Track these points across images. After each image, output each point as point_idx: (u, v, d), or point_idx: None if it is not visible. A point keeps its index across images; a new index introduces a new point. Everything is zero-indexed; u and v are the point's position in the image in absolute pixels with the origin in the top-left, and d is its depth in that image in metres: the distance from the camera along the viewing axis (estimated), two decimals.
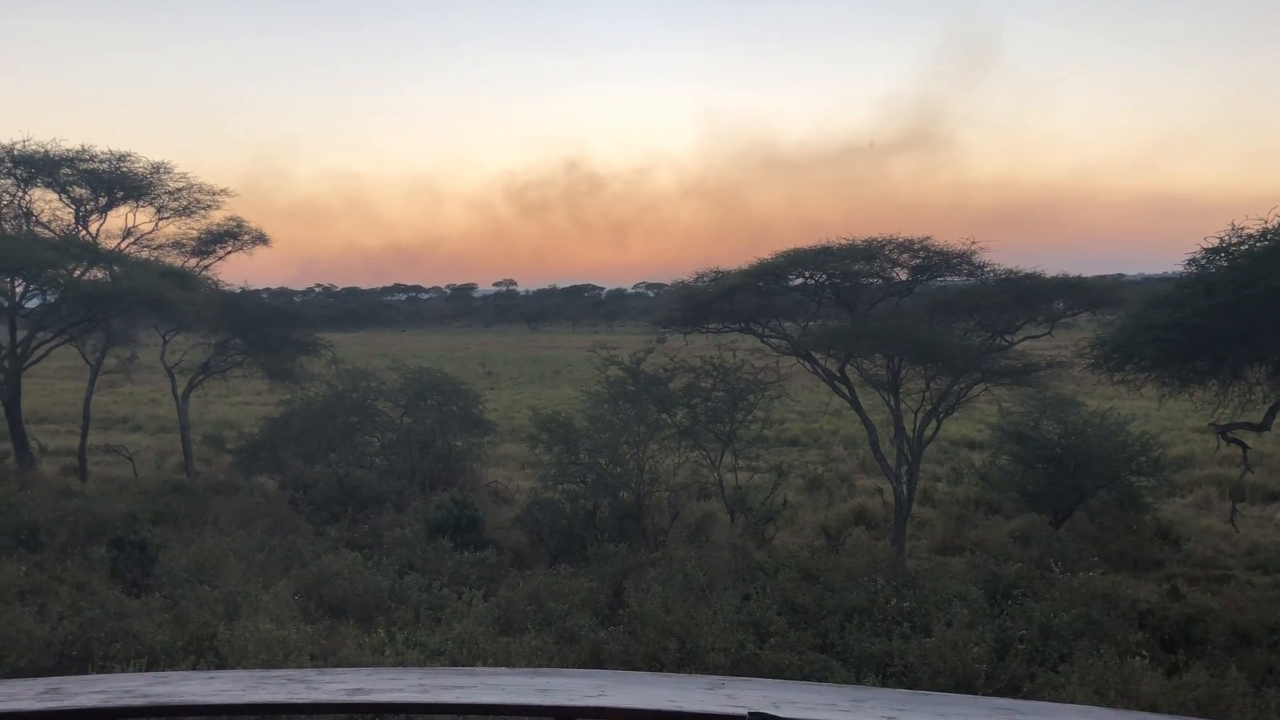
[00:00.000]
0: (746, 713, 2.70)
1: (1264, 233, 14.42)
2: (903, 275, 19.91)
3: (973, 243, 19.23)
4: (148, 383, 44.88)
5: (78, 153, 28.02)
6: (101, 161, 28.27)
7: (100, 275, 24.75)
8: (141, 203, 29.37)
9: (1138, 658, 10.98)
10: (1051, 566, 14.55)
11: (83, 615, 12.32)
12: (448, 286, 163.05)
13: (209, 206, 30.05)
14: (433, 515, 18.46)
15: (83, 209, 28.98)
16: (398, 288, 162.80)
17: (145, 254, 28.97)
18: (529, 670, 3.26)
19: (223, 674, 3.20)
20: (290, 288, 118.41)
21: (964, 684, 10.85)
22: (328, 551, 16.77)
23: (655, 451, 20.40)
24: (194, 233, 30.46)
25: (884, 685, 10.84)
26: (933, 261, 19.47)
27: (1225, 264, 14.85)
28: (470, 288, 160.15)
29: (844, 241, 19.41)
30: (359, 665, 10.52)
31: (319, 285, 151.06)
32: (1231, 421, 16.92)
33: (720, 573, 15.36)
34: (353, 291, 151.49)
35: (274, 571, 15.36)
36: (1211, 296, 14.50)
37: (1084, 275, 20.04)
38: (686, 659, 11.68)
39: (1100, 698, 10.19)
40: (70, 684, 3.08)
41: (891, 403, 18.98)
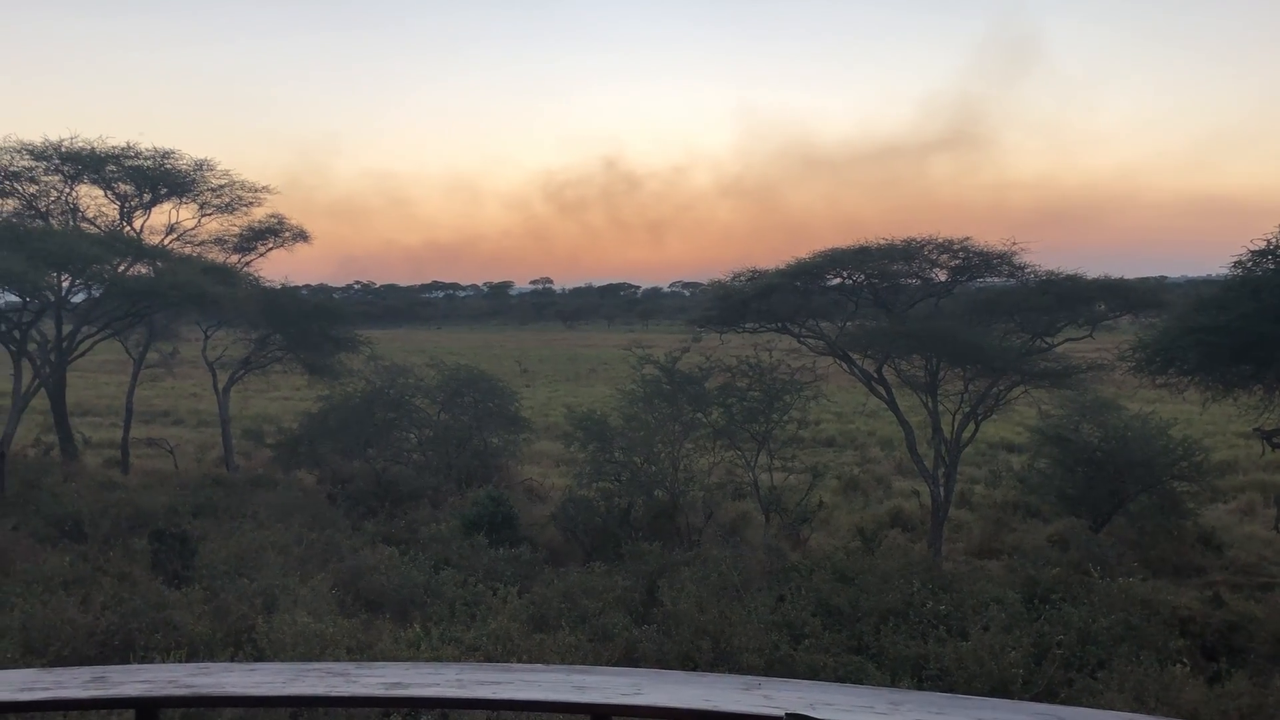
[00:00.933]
0: (783, 714, 2.69)
1: None
2: (942, 276, 19.77)
3: (1013, 243, 19.09)
4: (189, 377, 45.43)
5: (123, 150, 28.43)
6: (146, 158, 28.66)
7: (144, 271, 25.04)
8: (185, 199, 29.76)
9: (1178, 665, 10.82)
10: (1090, 571, 14.38)
11: (124, 605, 12.49)
12: (485, 284, 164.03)
13: (251, 203, 30.39)
14: (468, 511, 18.55)
15: (127, 205, 29.39)
16: (435, 285, 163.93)
17: (188, 250, 29.32)
18: (565, 667, 3.26)
19: (263, 666, 3.23)
20: (330, 284, 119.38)
21: (1000, 688, 10.75)
22: (365, 546, 16.90)
23: (690, 451, 20.39)
24: (236, 229, 30.83)
25: (920, 688, 10.76)
26: (972, 262, 19.31)
27: (1273, 266, 14.62)
28: (507, 285, 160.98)
29: (882, 241, 19.32)
30: (395, 660, 10.59)
31: (358, 282, 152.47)
32: (1277, 427, 16.65)
33: (755, 573, 15.31)
34: (391, 288, 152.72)
35: (312, 565, 15.50)
36: (1258, 299, 14.28)
37: (1126, 277, 19.89)
38: (720, 659, 11.66)
39: (1140, 705, 10.06)
40: (115, 673, 3.13)
41: (929, 404, 18.84)
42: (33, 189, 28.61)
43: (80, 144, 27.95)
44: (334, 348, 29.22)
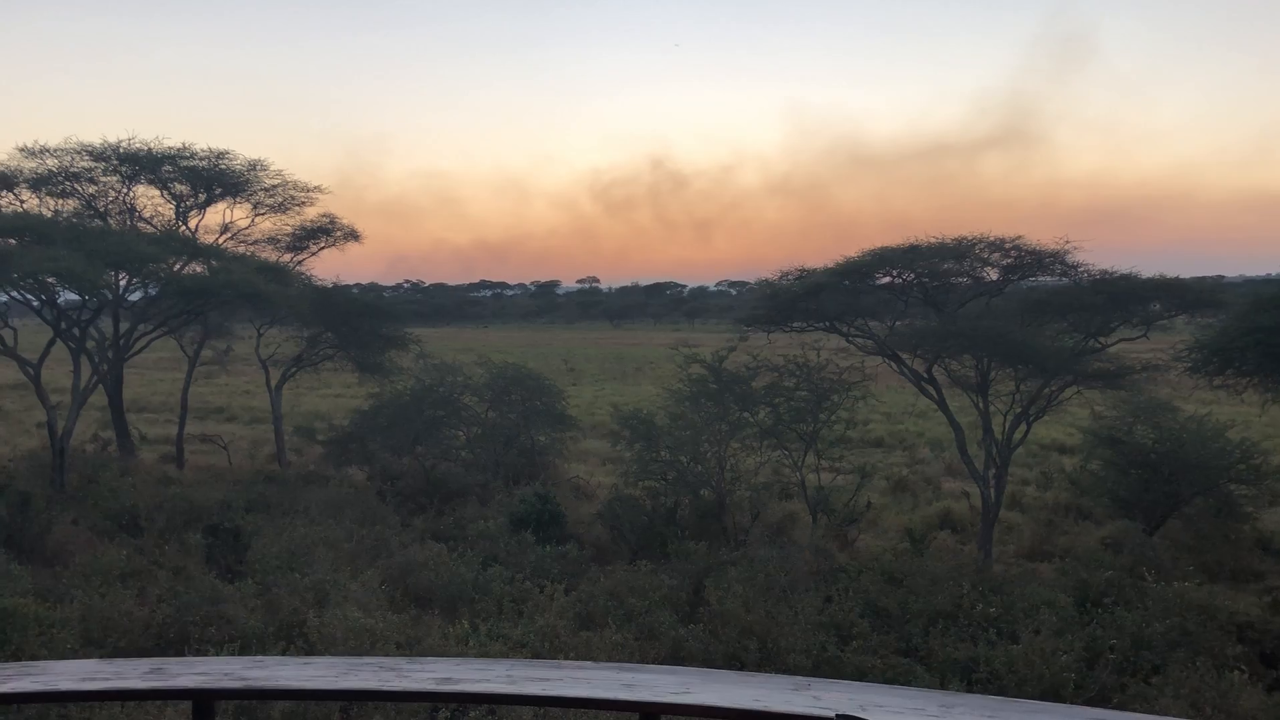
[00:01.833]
0: (834, 715, 2.68)
1: None
2: (993, 275, 19.57)
3: (1066, 242, 18.87)
4: (242, 374, 46.07)
5: (179, 150, 28.95)
6: (201, 159, 29.15)
7: (199, 269, 25.45)
8: (239, 199, 30.24)
9: (1236, 672, 10.62)
10: (1144, 575, 14.15)
11: (179, 599, 12.72)
12: (532, 283, 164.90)
13: (303, 203, 30.82)
14: (516, 509, 18.65)
15: (183, 205, 29.91)
16: (483, 284, 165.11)
17: (242, 249, 29.78)
18: (614, 665, 3.27)
19: (316, 660, 3.28)
20: (380, 283, 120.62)
21: (1052, 693, 10.62)
22: (414, 542, 17.05)
23: (737, 450, 20.34)
24: (288, 229, 31.27)
25: (969, 691, 10.66)
26: (1024, 261, 19.10)
27: None
28: (554, 284, 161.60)
29: (933, 240, 19.17)
30: (445, 655, 10.68)
31: (407, 281, 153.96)
32: None
33: (802, 573, 15.24)
34: (440, 287, 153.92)
35: (362, 561, 15.67)
36: None
37: (1182, 276, 19.52)
38: (767, 659, 11.63)
39: (1196, 712, 9.90)
40: (173, 665, 3.18)
41: (980, 405, 18.64)
42: (92, 189, 29.23)
43: (138, 145, 28.50)
44: (384, 346, 29.51)
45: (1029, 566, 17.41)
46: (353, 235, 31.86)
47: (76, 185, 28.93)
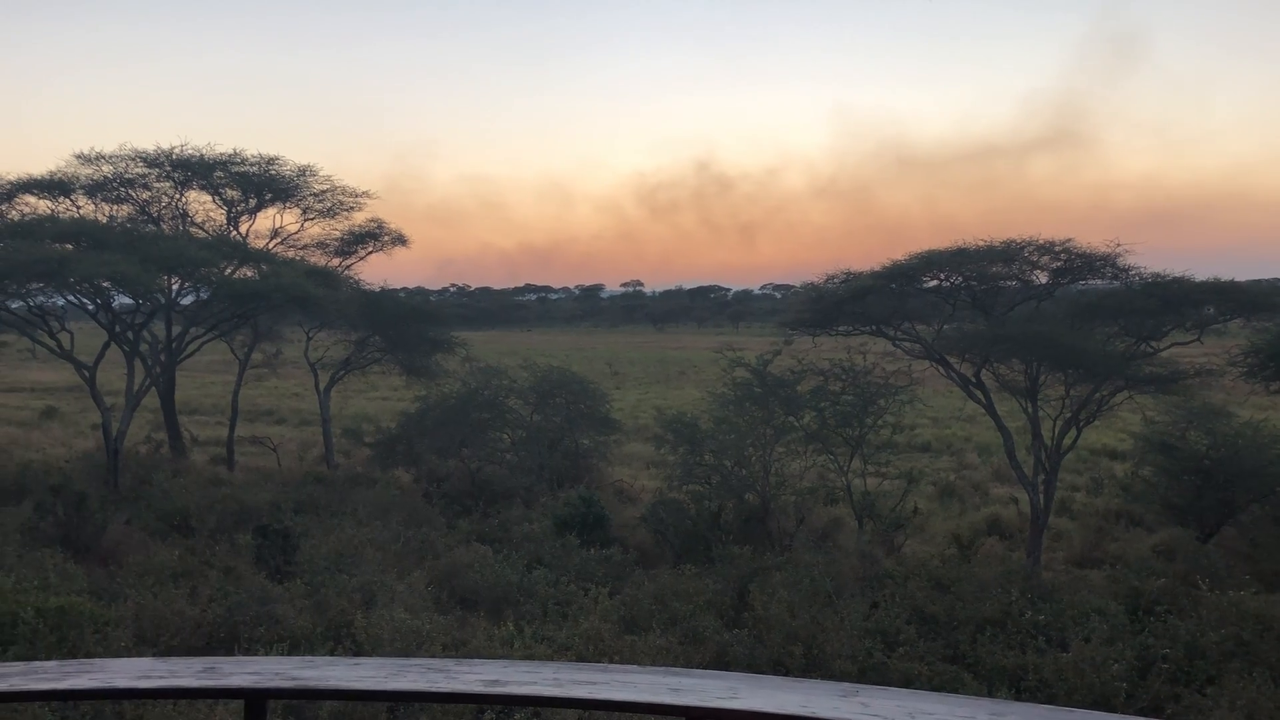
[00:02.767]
0: None
1: None
2: (1042, 278, 19.34)
3: (1117, 245, 18.62)
4: (292, 377, 46.62)
5: (230, 156, 29.41)
6: (252, 165, 29.58)
7: (249, 274, 25.81)
8: (288, 204, 30.63)
9: None
10: (1198, 583, 13.89)
11: (230, 599, 12.89)
12: (576, 287, 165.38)
13: (351, 208, 31.16)
14: (560, 511, 18.71)
15: (234, 210, 30.36)
16: (528, 288, 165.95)
17: (291, 254, 30.17)
18: (661, 669, 3.26)
19: (365, 661, 3.31)
20: (426, 287, 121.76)
21: (1102, 702, 10.47)
22: (459, 544, 17.17)
23: (782, 454, 20.25)
24: (337, 233, 31.64)
25: (1018, 700, 10.53)
26: (1074, 264, 18.87)
27: None
28: (598, 288, 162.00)
29: (981, 243, 18.98)
30: (489, 657, 10.73)
31: (453, 285, 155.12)
32: None
33: (847, 579, 15.15)
34: (485, 291, 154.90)
35: (408, 562, 15.80)
36: None
37: (1237, 279, 19.19)
38: (812, 665, 11.57)
39: None
40: (226, 664, 3.22)
41: (1029, 409, 18.42)
42: (145, 195, 29.77)
43: (190, 151, 28.99)
44: (431, 349, 29.75)
45: (1079, 574, 17.17)
46: (400, 239, 32.18)
47: (131, 191, 29.48)
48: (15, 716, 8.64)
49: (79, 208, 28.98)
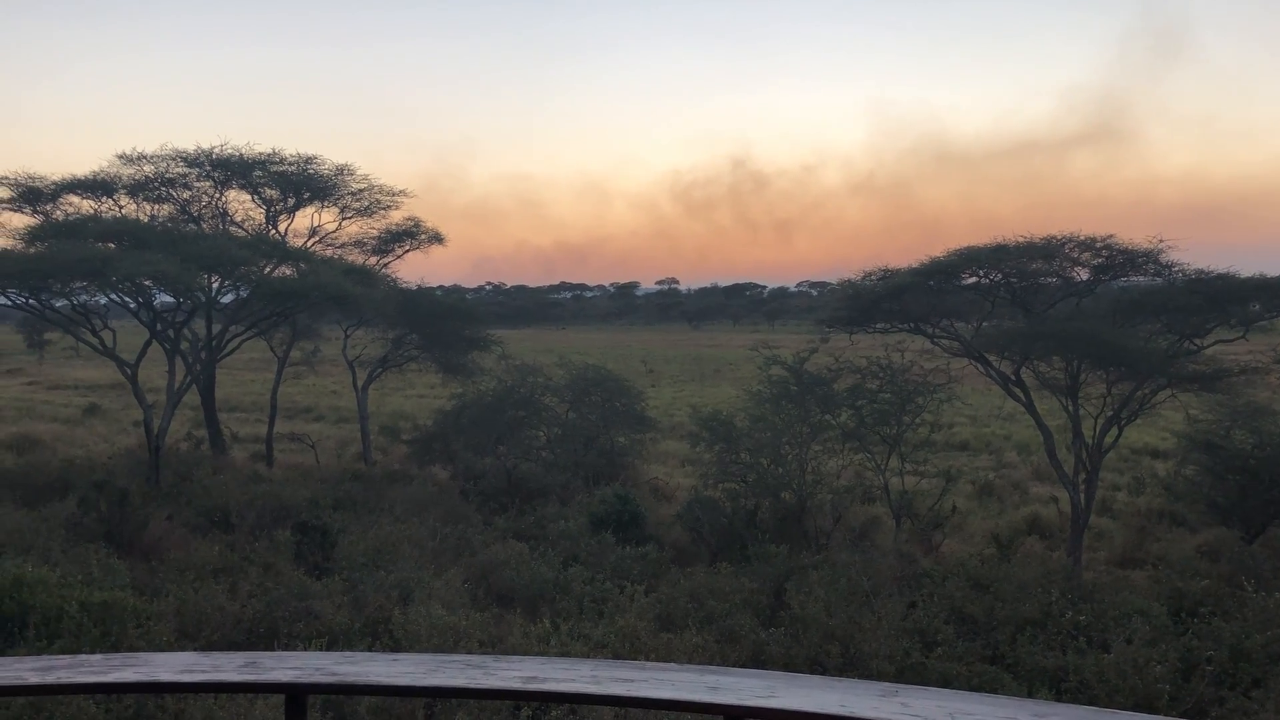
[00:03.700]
0: None
1: None
2: (1083, 275, 19.13)
3: (1159, 241, 18.38)
4: (330, 375, 47.04)
5: (269, 156, 29.66)
6: (290, 164, 29.83)
7: (288, 272, 26.02)
8: (326, 203, 30.86)
9: None
10: (1244, 585, 13.66)
11: (269, 594, 13.01)
12: (611, 285, 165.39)
13: (389, 207, 31.33)
14: (596, 509, 18.73)
15: (273, 209, 30.64)
16: (563, 285, 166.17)
17: (329, 252, 30.40)
18: (698, 667, 3.25)
19: (405, 656, 3.32)
20: (463, 285, 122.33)
21: (1144, 704, 10.32)
22: (496, 541, 17.23)
23: (818, 453, 20.16)
24: (374, 232, 31.83)
25: (1058, 701, 10.42)
26: (1116, 260, 18.64)
27: None
28: (633, 286, 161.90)
29: (1021, 239, 18.81)
30: (525, 654, 10.76)
31: (489, 283, 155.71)
32: None
33: (885, 578, 15.04)
34: (520, 289, 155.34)
35: (445, 559, 15.87)
36: None
37: None
38: (849, 665, 11.50)
39: None
40: (267, 659, 3.24)
41: (1070, 408, 18.22)
42: (186, 194, 30.10)
43: (229, 151, 29.27)
44: (467, 347, 29.88)
45: (1120, 574, 16.96)
46: (437, 238, 32.33)
47: (171, 191, 29.83)
48: (59, 708, 8.77)
49: (121, 207, 29.37)
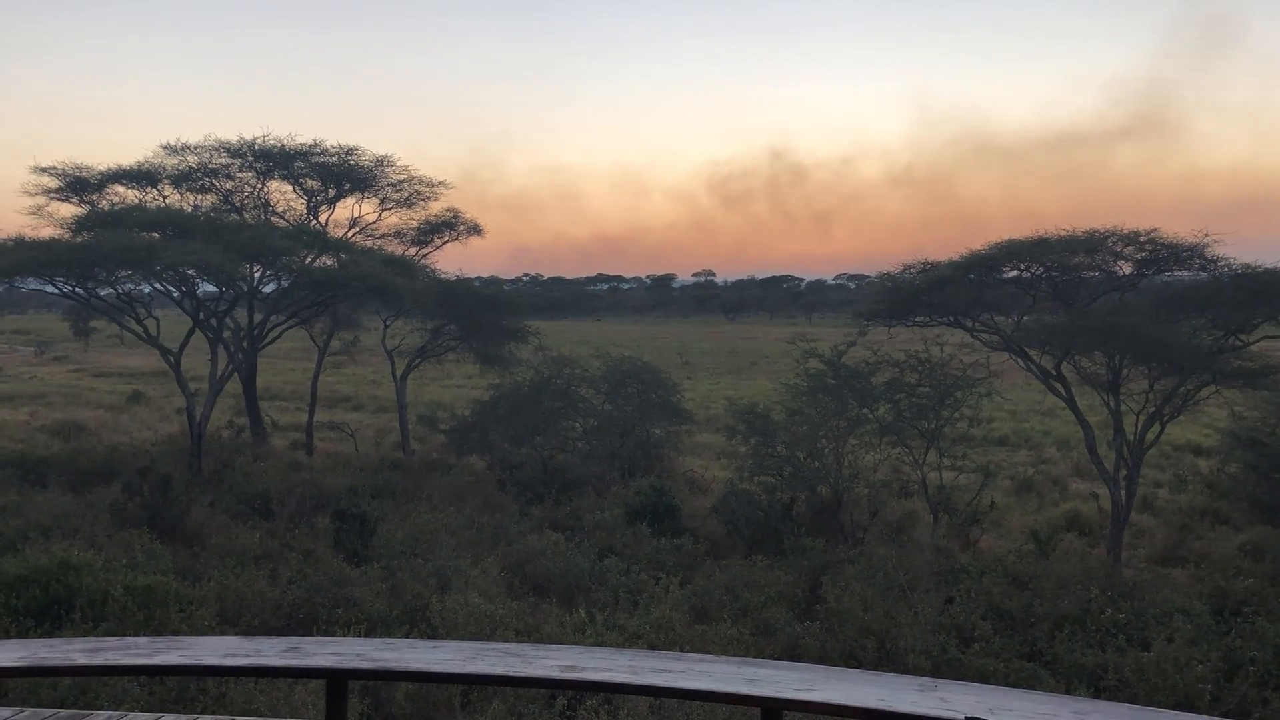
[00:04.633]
0: (962, 718, 2.62)
1: None
2: (1126, 269, 18.86)
3: (1205, 235, 18.02)
4: (369, 364, 47.43)
5: (310, 147, 29.93)
6: (331, 155, 30.08)
7: (329, 263, 26.25)
8: (367, 194, 31.11)
9: None
10: None
11: (309, 581, 13.16)
12: (648, 277, 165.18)
13: (428, 198, 31.55)
14: (632, 500, 18.76)
15: (314, 200, 30.91)
16: (600, 277, 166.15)
17: (369, 243, 30.65)
18: (736, 659, 3.25)
19: (444, 644, 3.35)
20: (500, 276, 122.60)
21: (1185, 703, 10.20)
22: (532, 531, 17.31)
23: (855, 447, 20.05)
24: (414, 223, 32.06)
25: (1096, 699, 10.32)
26: (1160, 254, 18.34)
27: None
28: (670, 278, 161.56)
29: (1063, 232, 18.55)
30: (562, 643, 10.81)
31: (527, 274, 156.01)
32: None
33: (921, 573, 14.96)
34: (557, 280, 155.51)
35: (482, 548, 15.97)
36: None
37: None
38: (885, 659, 11.45)
39: None
40: (308, 644, 3.28)
41: (1111, 403, 18.00)
42: (229, 185, 30.45)
43: (271, 142, 29.56)
44: (504, 338, 30.02)
45: (1161, 572, 16.76)
46: (475, 229, 32.50)
47: (214, 181, 30.17)
48: (104, 689, 8.92)
49: (165, 197, 29.75)
